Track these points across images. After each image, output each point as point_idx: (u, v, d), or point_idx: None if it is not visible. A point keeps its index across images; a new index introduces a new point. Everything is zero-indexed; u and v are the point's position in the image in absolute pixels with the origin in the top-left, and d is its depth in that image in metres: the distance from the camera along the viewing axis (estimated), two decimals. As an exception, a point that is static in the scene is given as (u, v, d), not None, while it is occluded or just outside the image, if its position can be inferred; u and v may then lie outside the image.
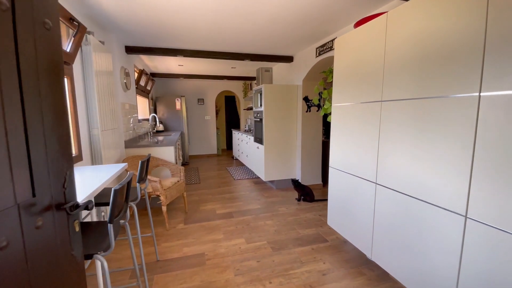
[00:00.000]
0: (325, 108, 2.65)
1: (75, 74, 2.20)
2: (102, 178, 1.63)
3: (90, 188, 1.33)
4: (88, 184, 1.48)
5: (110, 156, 2.67)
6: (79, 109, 2.24)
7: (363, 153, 1.94)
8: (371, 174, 1.87)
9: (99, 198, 1.77)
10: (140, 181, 1.69)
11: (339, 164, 2.27)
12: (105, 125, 2.55)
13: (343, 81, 2.16)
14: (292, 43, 3.43)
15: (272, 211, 3.18)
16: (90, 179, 1.64)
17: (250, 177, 4.86)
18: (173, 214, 3.13)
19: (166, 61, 4.55)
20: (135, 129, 3.80)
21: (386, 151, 1.71)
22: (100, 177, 1.69)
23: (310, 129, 4.01)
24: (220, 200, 3.63)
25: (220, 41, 3.29)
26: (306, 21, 2.66)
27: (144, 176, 1.86)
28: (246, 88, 7.07)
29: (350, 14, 2.49)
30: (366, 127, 1.90)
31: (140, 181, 1.69)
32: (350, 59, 2.06)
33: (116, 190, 1.03)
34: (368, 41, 1.85)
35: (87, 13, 2.39)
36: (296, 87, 4.04)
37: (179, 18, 2.54)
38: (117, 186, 1.05)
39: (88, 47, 2.28)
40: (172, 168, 3.22)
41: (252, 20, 2.60)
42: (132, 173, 1.32)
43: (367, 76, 1.87)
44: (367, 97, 1.88)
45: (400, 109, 1.59)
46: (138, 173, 1.68)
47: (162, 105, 6.04)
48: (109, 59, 2.76)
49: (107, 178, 1.57)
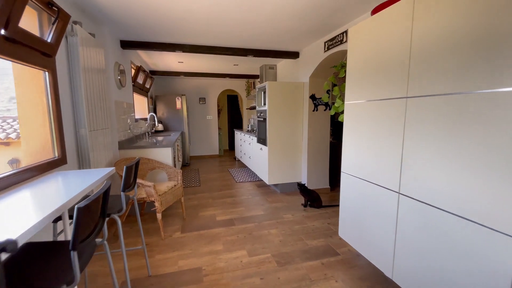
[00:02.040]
0: (335, 106, 2.40)
1: (60, 68, 1.98)
2: (80, 186, 1.41)
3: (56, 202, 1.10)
4: (62, 193, 1.26)
5: (101, 158, 2.45)
6: (64, 107, 2.02)
7: (383, 158, 1.69)
8: (392, 182, 1.62)
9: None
10: (125, 190, 1.46)
11: (352, 169, 2.02)
12: (94, 124, 2.33)
13: (358, 75, 1.91)
14: (298, 36, 3.18)
15: (277, 218, 2.94)
16: (67, 186, 1.41)
17: (252, 180, 4.63)
18: (169, 221, 2.91)
19: (165, 57, 4.33)
20: (131, 129, 3.58)
21: (413, 157, 1.46)
22: (79, 184, 1.46)
23: (317, 129, 3.76)
24: (220, 205, 3.40)
25: (221, 34, 3.06)
26: (315, 11, 2.41)
27: (132, 183, 1.63)
28: (249, 86, 6.83)
29: (364, 2, 2.24)
30: (387, 128, 1.65)
31: (125, 190, 1.46)
32: (367, 50, 1.81)
33: (80, 209, 0.80)
34: (389, 28, 1.60)
35: (75, 1, 2.17)
36: (302, 84, 3.79)
37: (175, 8, 2.31)
38: (83, 203, 0.82)
39: (74, 38, 2.06)
40: (169, 171, 2.99)
41: (256, 10, 2.36)
42: (109, 182, 1.09)
43: (388, 69, 1.62)
44: (388, 93, 1.63)
45: (432, 107, 1.34)
46: (123, 180, 1.45)
47: (162, 104, 5.83)
48: (100, 54, 2.54)
49: (83, 188, 1.34)
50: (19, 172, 1.52)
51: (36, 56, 1.67)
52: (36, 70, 1.76)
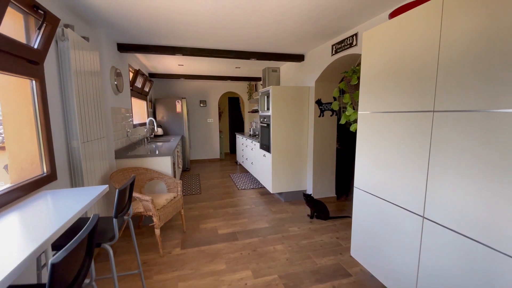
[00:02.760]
0: (346, 115, 2.24)
1: (50, 76, 1.83)
2: (68, 211, 1.25)
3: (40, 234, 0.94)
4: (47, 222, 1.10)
5: (95, 170, 2.29)
6: (54, 118, 1.86)
7: (403, 177, 1.53)
8: (415, 204, 1.46)
9: (69, 234, 1.39)
10: (117, 216, 1.30)
11: (367, 185, 1.86)
12: (88, 135, 2.17)
13: (374, 84, 1.75)
14: (304, 39, 3.02)
15: (282, 232, 2.78)
16: (53, 211, 1.25)
17: (255, 187, 4.47)
18: (169, 234, 2.75)
19: (165, 60, 4.17)
20: (129, 135, 3.42)
21: (442, 178, 1.30)
22: (67, 208, 1.31)
23: (323, 135, 3.60)
24: (222, 216, 3.24)
25: (222, 37, 2.90)
26: (323, 13, 2.25)
27: (126, 205, 1.47)
28: (251, 89, 6.67)
29: (377, 4, 2.08)
30: (409, 144, 1.49)
31: (117, 216, 1.30)
32: (384, 57, 1.65)
33: (55, 266, 0.64)
34: (412, 33, 1.44)
35: (67, 4, 2.01)
36: (307, 89, 3.63)
37: (174, 10, 2.15)
38: (60, 257, 0.66)
39: (65, 43, 1.90)
40: (168, 182, 2.84)
41: (260, 12, 2.20)
42: (97, 216, 0.93)
43: (411, 78, 1.46)
44: (410, 105, 1.47)
45: (465, 124, 1.18)
46: (115, 205, 1.29)
47: (162, 107, 5.67)
48: (95, 58, 2.38)
49: (71, 216, 1.19)
50: (1, 195, 1.37)
51: (21, 65, 1.52)
52: (22, 78, 1.61)
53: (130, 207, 1.56)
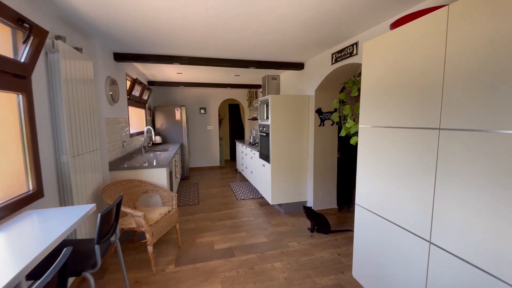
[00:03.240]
0: (347, 127, 2.15)
1: (39, 89, 1.76)
2: (50, 235, 1.17)
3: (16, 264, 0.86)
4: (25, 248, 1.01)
5: (87, 186, 2.21)
6: (43, 132, 1.80)
7: (408, 197, 1.44)
8: (421, 227, 1.36)
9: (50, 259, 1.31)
10: (100, 242, 1.22)
11: (369, 203, 1.76)
12: (79, 148, 2.10)
13: (375, 96, 1.67)
14: (303, 48, 2.96)
15: (281, 247, 2.67)
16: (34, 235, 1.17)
17: (254, 197, 4.36)
18: (163, 249, 2.65)
19: (163, 68, 4.13)
20: (124, 146, 3.36)
21: (449, 200, 1.20)
22: (49, 231, 1.22)
23: (324, 145, 3.50)
24: (220, 229, 3.14)
25: (220, 46, 2.84)
26: (322, 22, 2.18)
27: (112, 227, 1.38)
28: (251, 96, 6.61)
29: (378, 13, 2.01)
30: (413, 162, 1.39)
31: (100, 242, 1.22)
32: (385, 69, 1.57)
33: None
34: (415, 45, 1.36)
35: (60, 15, 1.96)
36: (307, 97, 3.55)
37: (170, 20, 2.10)
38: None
39: (56, 55, 1.84)
40: (163, 195, 2.75)
41: (258, 20, 2.14)
42: (70, 249, 0.84)
43: (415, 92, 1.37)
44: (415, 121, 1.38)
45: (473, 144, 1.09)
46: (98, 231, 1.20)
47: (161, 115, 5.62)
48: (89, 69, 2.33)
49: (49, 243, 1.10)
50: (-21, 218, 1.29)
51: (7, 80, 1.45)
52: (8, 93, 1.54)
53: (117, 229, 1.48)
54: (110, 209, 1.31)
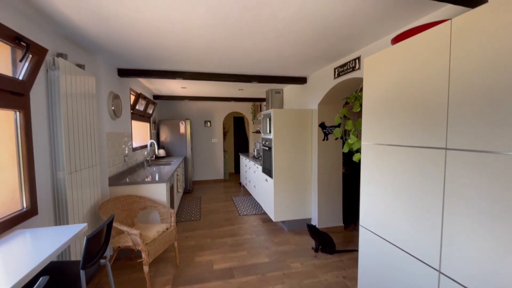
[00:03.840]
0: (349, 143, 2.08)
1: (38, 106, 1.77)
2: (36, 257, 1.12)
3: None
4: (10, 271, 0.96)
5: (84, 202, 2.18)
6: (39, 148, 1.79)
7: (414, 220, 1.34)
8: (430, 255, 1.25)
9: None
10: (86, 267, 1.16)
11: (373, 225, 1.66)
12: (77, 164, 2.08)
13: (377, 113, 1.60)
14: (305, 62, 2.94)
15: (283, 269, 2.54)
16: (20, 257, 1.12)
17: (257, 213, 4.25)
18: (160, 268, 2.56)
19: (168, 83, 4.17)
20: (126, 160, 3.34)
21: (459, 226, 1.10)
22: (37, 252, 1.17)
23: (328, 160, 3.41)
24: (220, 247, 3.03)
25: (221, 62, 2.85)
26: (324, 38, 2.16)
27: (101, 249, 1.32)
28: (255, 109, 6.61)
29: (379, 28, 1.97)
30: (419, 183, 1.30)
31: (86, 267, 1.16)
32: (387, 84, 1.51)
33: None
34: (417, 60, 1.31)
35: (62, 33, 2.00)
36: (310, 111, 3.50)
37: (171, 38, 2.11)
38: None
39: (56, 72, 1.86)
40: (162, 212, 2.69)
41: (257, 37, 2.13)
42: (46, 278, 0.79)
43: (419, 110, 1.30)
44: (420, 140, 1.30)
45: (483, 166, 1.00)
46: (83, 255, 1.14)
47: (166, 128, 5.65)
48: (90, 85, 2.35)
49: (34, 266, 1.05)
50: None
51: (4, 97, 1.46)
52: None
53: (107, 250, 1.42)
54: (98, 231, 1.26)
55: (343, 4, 1.61)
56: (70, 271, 1.33)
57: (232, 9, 1.65)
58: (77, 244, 2.05)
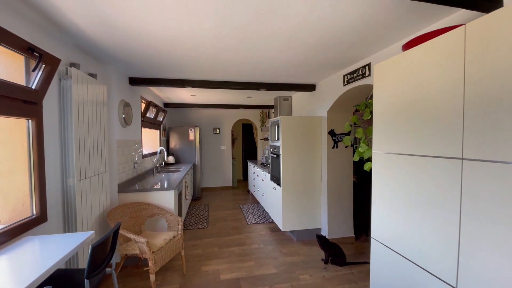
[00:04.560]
0: (360, 151, 2.02)
1: (50, 114, 1.82)
2: (42, 265, 1.12)
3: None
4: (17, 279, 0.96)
5: (93, 209, 2.20)
6: (51, 156, 1.82)
7: (429, 234, 1.27)
8: (445, 270, 1.18)
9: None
10: (90, 277, 1.15)
11: (385, 237, 1.59)
12: (87, 171, 2.11)
13: (388, 121, 1.55)
14: (313, 70, 2.92)
15: (292, 280, 2.47)
16: (27, 265, 1.12)
17: (265, 221, 4.19)
18: (167, 277, 2.53)
19: (177, 91, 4.24)
20: (135, 167, 3.38)
21: (478, 242, 1.03)
22: (43, 261, 1.17)
23: (338, 168, 3.34)
24: (227, 256, 2.99)
25: (229, 71, 2.87)
26: (332, 44, 2.14)
27: (107, 257, 1.32)
28: (263, 116, 6.61)
29: (389, 35, 1.94)
30: (434, 195, 1.24)
31: (90, 277, 1.15)
32: (398, 92, 1.47)
33: None
34: (430, 67, 1.26)
35: (76, 43, 2.07)
36: (319, 119, 3.46)
37: (180, 48, 2.14)
38: None
39: (68, 81, 1.91)
40: (169, 219, 2.68)
41: (263, 47, 2.13)
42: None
43: (432, 118, 1.25)
44: (433, 149, 1.24)
45: (502, 178, 0.94)
46: (88, 265, 1.14)
47: (175, 135, 5.71)
48: (102, 93, 2.40)
49: (40, 274, 1.05)
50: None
51: (17, 106, 1.50)
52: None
53: (113, 258, 1.41)
54: (103, 240, 1.25)
55: (352, 11, 1.59)
56: (75, 279, 1.33)
57: (240, 19, 1.65)
58: (85, 251, 2.06)
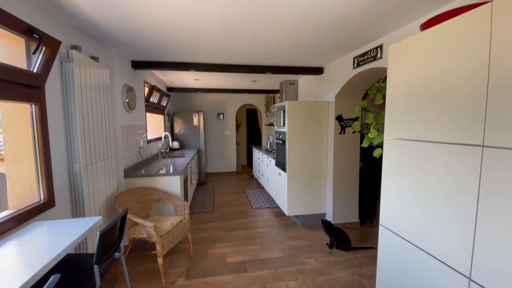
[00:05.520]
0: (370, 137, 1.97)
1: (53, 98, 1.78)
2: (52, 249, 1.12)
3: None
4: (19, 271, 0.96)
5: (100, 194, 2.21)
6: (55, 141, 1.81)
7: (443, 223, 1.24)
8: (459, 260, 1.16)
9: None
10: (99, 262, 1.15)
11: (394, 224, 1.57)
12: (93, 157, 2.10)
13: (403, 105, 1.49)
14: (322, 52, 2.80)
15: (297, 264, 2.50)
16: (37, 249, 1.13)
17: (270, 206, 4.22)
18: (174, 260, 2.59)
19: (181, 75, 4.15)
20: (140, 152, 3.38)
21: (495, 233, 1.00)
22: (52, 246, 1.18)
23: (345, 154, 3.30)
24: (233, 240, 3.03)
25: (234, 53, 2.77)
26: (342, 25, 2.03)
27: (115, 242, 1.32)
28: (268, 102, 6.50)
29: (405, 13, 1.82)
30: (450, 184, 1.20)
31: (99, 262, 1.15)
32: (415, 74, 1.39)
33: None
34: (451, 48, 1.18)
35: (77, 25, 1.99)
36: (327, 103, 3.37)
37: (183, 29, 2.05)
38: None
39: (70, 64, 1.85)
40: (176, 204, 2.70)
41: (271, 28, 2.03)
42: (57, 276, 0.78)
43: (451, 102, 1.18)
44: (451, 136, 1.19)
45: (530, 167, 0.89)
46: (96, 250, 1.14)
47: (179, 120, 5.68)
48: (105, 77, 2.35)
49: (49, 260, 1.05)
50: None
51: (19, 90, 1.46)
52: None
53: (121, 243, 1.42)
54: (111, 226, 1.25)
55: (367, -13, 1.48)
56: (85, 264, 1.35)
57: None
58: (94, 236, 2.09)
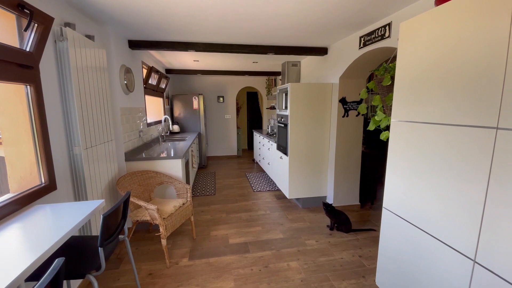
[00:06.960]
0: (376, 119, 1.92)
1: (48, 79, 1.71)
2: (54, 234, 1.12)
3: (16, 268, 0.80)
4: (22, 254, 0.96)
5: (101, 177, 2.20)
6: (54, 123, 1.76)
7: (449, 206, 1.23)
8: (464, 243, 1.15)
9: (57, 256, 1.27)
10: (103, 245, 1.15)
11: (399, 208, 1.56)
12: (92, 140, 2.07)
13: (412, 86, 1.43)
14: (327, 31, 2.68)
15: (298, 245, 2.55)
16: (39, 233, 1.12)
17: (271, 189, 4.25)
18: (178, 241, 2.63)
19: (180, 56, 4.02)
20: (141, 135, 3.34)
21: (504, 218, 0.99)
22: (54, 229, 1.18)
23: (347, 137, 3.26)
24: (235, 222, 3.07)
25: (235, 31, 2.65)
26: (349, 1, 1.91)
27: (119, 225, 1.32)
28: (269, 84, 6.37)
29: (420, -14, 1.71)
30: (459, 167, 1.17)
31: (103, 245, 1.15)
32: (428, 54, 1.32)
33: None
34: (468, 25, 1.10)
35: (70, 1, 1.88)
36: (330, 86, 3.29)
37: (182, 5, 1.94)
38: None
39: (64, 43, 1.77)
40: (178, 187, 2.70)
41: (275, 2, 1.92)
42: (62, 260, 0.77)
43: (464, 82, 1.13)
44: (463, 118, 1.14)
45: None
46: (100, 234, 1.13)
47: (179, 103, 5.58)
48: (101, 57, 2.26)
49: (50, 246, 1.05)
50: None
51: (12, 70, 1.40)
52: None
53: (125, 225, 1.42)
54: (114, 209, 1.24)
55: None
56: (90, 246, 1.35)
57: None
58: (97, 218, 2.10)
